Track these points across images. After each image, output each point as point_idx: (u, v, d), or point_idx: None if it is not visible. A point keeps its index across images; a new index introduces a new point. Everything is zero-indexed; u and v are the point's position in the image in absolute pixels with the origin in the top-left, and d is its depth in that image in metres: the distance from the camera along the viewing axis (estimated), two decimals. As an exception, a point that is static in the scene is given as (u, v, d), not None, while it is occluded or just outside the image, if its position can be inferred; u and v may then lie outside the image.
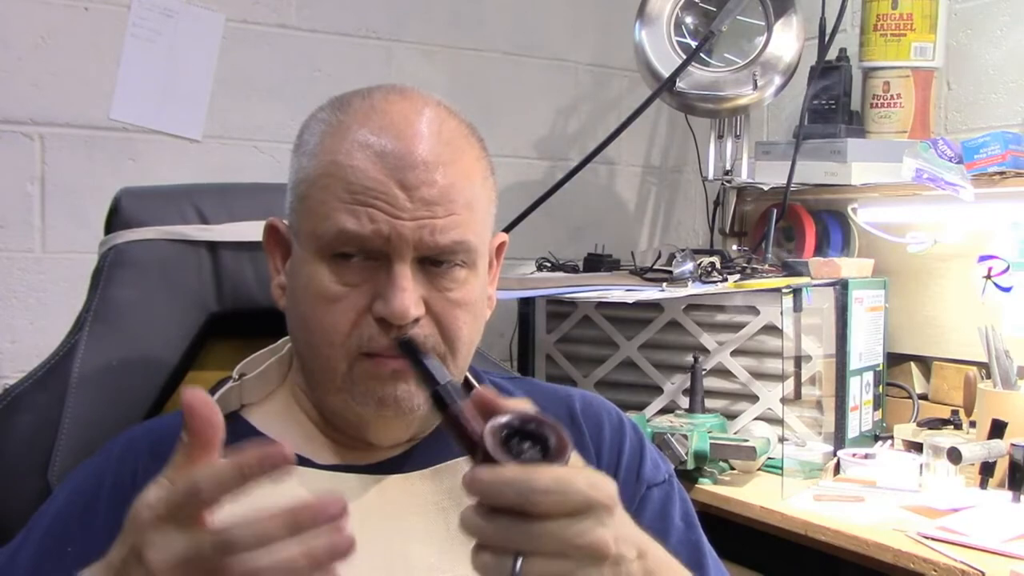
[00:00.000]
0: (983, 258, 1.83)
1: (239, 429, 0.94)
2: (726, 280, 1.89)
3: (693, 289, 1.84)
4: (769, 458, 1.78)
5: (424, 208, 0.85)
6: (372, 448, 0.93)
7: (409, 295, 0.84)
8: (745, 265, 1.98)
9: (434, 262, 0.87)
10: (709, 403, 1.90)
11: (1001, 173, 1.77)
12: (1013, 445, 1.59)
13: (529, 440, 0.67)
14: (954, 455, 1.58)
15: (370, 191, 0.84)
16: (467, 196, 0.88)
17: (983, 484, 1.63)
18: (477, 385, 1.01)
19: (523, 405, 0.71)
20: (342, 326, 0.86)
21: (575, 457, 0.71)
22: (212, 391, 0.97)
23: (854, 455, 1.76)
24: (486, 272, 0.95)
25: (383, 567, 0.87)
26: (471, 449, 0.69)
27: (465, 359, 0.91)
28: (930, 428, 1.86)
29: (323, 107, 0.93)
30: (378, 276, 0.86)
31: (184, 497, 0.64)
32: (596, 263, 2.10)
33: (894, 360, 2.06)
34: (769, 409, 1.90)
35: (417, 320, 0.86)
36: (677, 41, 2.07)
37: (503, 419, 0.67)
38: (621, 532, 0.69)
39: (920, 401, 1.99)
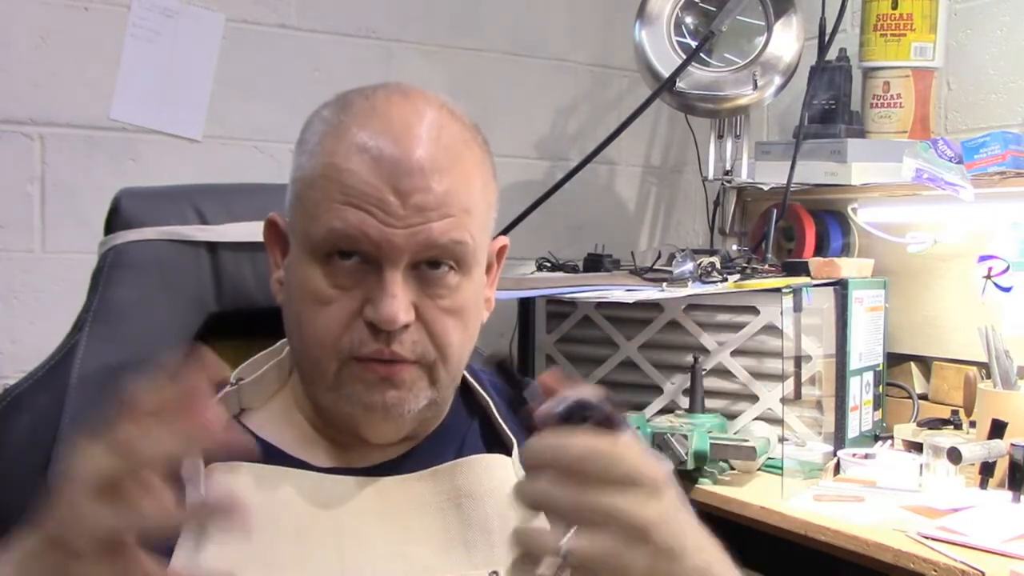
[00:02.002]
0: (983, 258, 1.82)
1: None
2: (726, 280, 1.89)
3: (693, 289, 1.84)
4: (769, 458, 1.78)
5: (417, 215, 0.84)
6: (370, 450, 0.93)
7: (399, 301, 0.84)
8: (745, 265, 1.98)
9: (428, 266, 0.87)
10: (709, 403, 1.90)
11: (1001, 173, 1.77)
12: (1013, 445, 1.59)
13: (588, 422, 0.69)
14: (954, 455, 1.58)
15: (364, 195, 0.84)
16: (464, 201, 0.87)
17: (983, 484, 1.63)
18: (477, 387, 1.01)
19: (586, 391, 0.72)
20: (333, 329, 0.86)
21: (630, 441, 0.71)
22: (210, 395, 0.97)
23: (854, 455, 1.76)
24: (483, 277, 0.94)
25: (381, 568, 0.87)
26: None
27: (456, 366, 0.91)
28: (930, 428, 1.86)
29: (326, 104, 0.92)
30: (369, 280, 0.86)
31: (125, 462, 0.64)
32: (596, 263, 2.10)
33: (894, 360, 2.06)
34: (769, 409, 1.90)
35: (406, 326, 0.85)
36: (677, 41, 2.07)
37: (556, 405, 0.69)
38: (671, 518, 0.68)
39: (920, 401, 1.99)
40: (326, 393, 0.89)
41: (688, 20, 2.09)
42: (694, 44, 2.06)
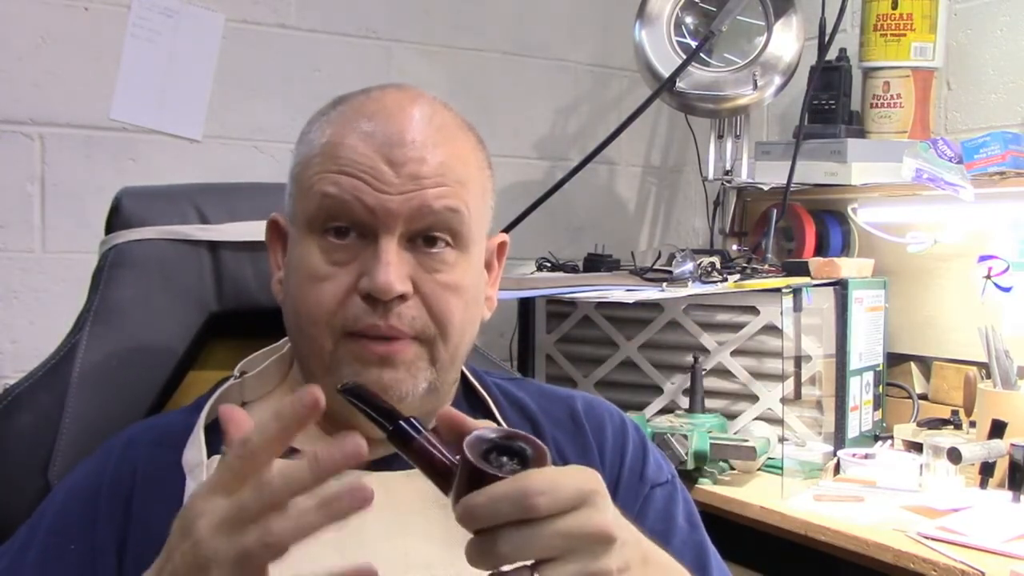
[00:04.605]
0: (983, 258, 1.83)
1: None
2: (726, 280, 1.89)
3: (693, 289, 1.84)
4: (769, 458, 1.78)
5: (412, 182, 0.85)
6: (371, 444, 0.93)
7: (394, 269, 0.84)
8: (745, 265, 1.98)
9: (425, 241, 0.87)
10: (709, 403, 1.90)
11: (1001, 173, 1.78)
12: (1013, 445, 1.59)
13: (505, 455, 0.67)
14: (954, 455, 1.58)
15: (357, 164, 0.85)
16: (459, 174, 0.88)
17: (983, 484, 1.63)
18: (479, 387, 1.01)
19: (488, 423, 0.71)
20: (328, 304, 0.86)
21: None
22: (214, 389, 0.97)
23: (854, 455, 1.76)
24: (481, 264, 0.94)
25: (381, 563, 0.87)
26: (444, 478, 0.68)
27: (457, 347, 0.90)
28: (930, 428, 1.86)
29: (325, 105, 0.94)
30: (365, 254, 0.86)
31: (252, 500, 0.65)
32: (596, 263, 2.10)
33: (894, 360, 2.06)
34: (769, 409, 1.90)
35: (404, 298, 0.85)
36: (677, 41, 2.07)
37: (483, 435, 0.67)
38: (617, 516, 0.69)
39: (920, 401, 1.99)
40: (323, 377, 0.88)
41: (688, 20, 2.09)
42: (694, 44, 2.06)
